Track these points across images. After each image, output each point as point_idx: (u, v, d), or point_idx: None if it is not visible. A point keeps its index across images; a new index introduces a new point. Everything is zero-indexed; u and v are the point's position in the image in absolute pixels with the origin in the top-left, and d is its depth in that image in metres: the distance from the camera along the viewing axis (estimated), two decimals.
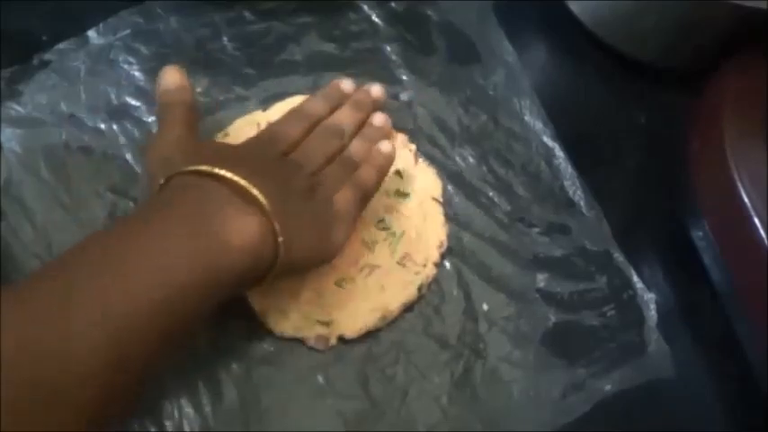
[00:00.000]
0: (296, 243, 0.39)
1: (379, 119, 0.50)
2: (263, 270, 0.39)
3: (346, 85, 0.50)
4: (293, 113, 0.48)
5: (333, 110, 0.48)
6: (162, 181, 0.39)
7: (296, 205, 0.41)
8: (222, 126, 0.50)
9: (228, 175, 0.38)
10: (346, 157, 0.46)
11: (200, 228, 0.36)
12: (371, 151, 0.47)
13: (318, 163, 0.45)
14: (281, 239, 0.38)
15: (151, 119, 0.50)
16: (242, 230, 0.37)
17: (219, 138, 0.50)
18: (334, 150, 0.46)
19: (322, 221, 0.42)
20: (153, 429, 0.42)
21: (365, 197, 0.46)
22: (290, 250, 0.39)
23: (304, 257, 0.41)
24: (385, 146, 0.47)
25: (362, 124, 0.49)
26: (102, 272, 0.33)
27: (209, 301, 0.36)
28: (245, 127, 0.50)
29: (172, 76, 0.44)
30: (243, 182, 0.38)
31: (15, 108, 0.49)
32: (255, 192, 0.38)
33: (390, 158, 0.47)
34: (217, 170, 0.38)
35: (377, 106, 0.50)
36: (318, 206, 0.42)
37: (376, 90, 0.50)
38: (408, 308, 0.47)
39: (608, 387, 0.47)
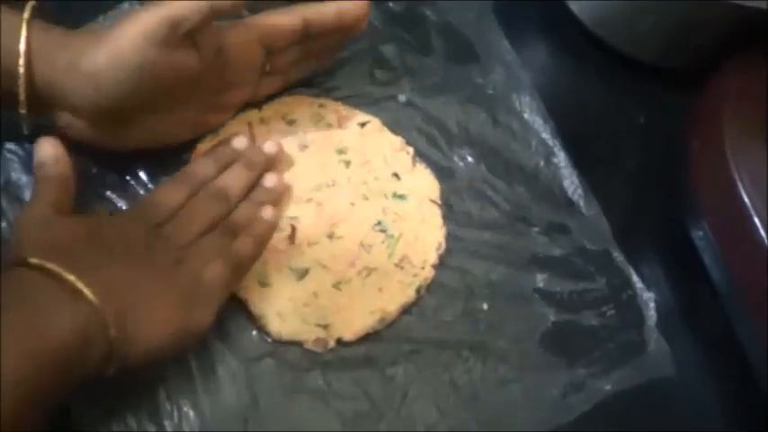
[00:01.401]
0: (142, 332, 0.38)
1: (270, 180, 0.47)
2: (96, 361, 0.37)
3: (238, 142, 0.48)
4: (177, 178, 0.46)
5: (221, 170, 0.46)
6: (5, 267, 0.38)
7: (149, 289, 0.39)
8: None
9: (55, 269, 0.36)
10: (228, 224, 0.44)
11: (20, 328, 0.35)
12: (253, 220, 0.45)
13: (193, 233, 0.43)
14: (113, 334, 0.37)
15: None
16: (63, 327, 0.35)
17: (209, 139, 0.50)
18: (217, 216, 0.44)
19: (181, 304, 0.40)
20: (152, 429, 0.42)
21: (239, 270, 0.43)
22: (133, 342, 0.38)
23: (156, 347, 0.39)
24: (267, 213, 0.45)
25: (253, 185, 0.47)
26: None
27: (37, 397, 0.34)
28: (236, 127, 0.50)
29: (45, 149, 0.43)
30: (67, 276, 0.36)
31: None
32: (80, 286, 0.36)
33: (272, 228, 0.45)
34: (42, 263, 0.37)
35: (269, 165, 0.48)
36: (180, 285, 0.40)
37: (269, 147, 0.48)
38: (407, 309, 0.47)
39: (608, 387, 0.47)
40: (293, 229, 0.47)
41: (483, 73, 0.56)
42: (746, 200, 0.46)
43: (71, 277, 0.36)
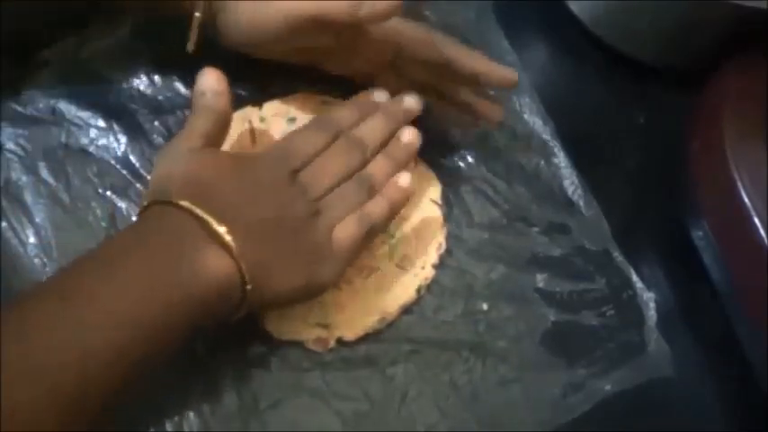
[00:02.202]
0: (272, 286, 0.39)
1: (408, 135, 0.46)
2: (231, 309, 0.39)
3: (379, 95, 0.47)
4: (317, 122, 0.46)
5: (360, 120, 0.46)
6: (146, 203, 0.39)
7: (283, 242, 0.40)
8: None
9: (203, 215, 0.37)
10: (363, 176, 0.44)
11: (164, 271, 0.36)
12: (389, 184, 0.44)
13: (329, 184, 0.43)
14: (249, 287, 0.38)
15: (150, 118, 0.50)
16: (208, 274, 0.37)
17: None
18: (353, 167, 0.44)
19: (311, 260, 0.41)
20: (152, 430, 0.42)
21: (371, 233, 0.43)
22: (262, 293, 0.39)
23: (283, 297, 0.41)
24: (404, 179, 0.44)
25: (390, 137, 0.46)
26: (67, 319, 0.34)
27: (174, 335, 0.36)
28: (236, 124, 0.50)
29: (209, 80, 0.43)
30: (215, 225, 0.37)
31: (15, 108, 0.49)
32: (227, 238, 0.37)
33: (407, 195, 0.45)
34: (191, 207, 0.37)
35: (409, 118, 0.47)
36: (313, 239, 0.41)
37: (410, 101, 0.47)
38: (407, 309, 0.47)
39: (608, 387, 0.47)
40: None
41: None
42: (746, 200, 0.46)
43: (220, 229, 0.37)
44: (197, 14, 0.44)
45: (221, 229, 0.37)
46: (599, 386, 0.46)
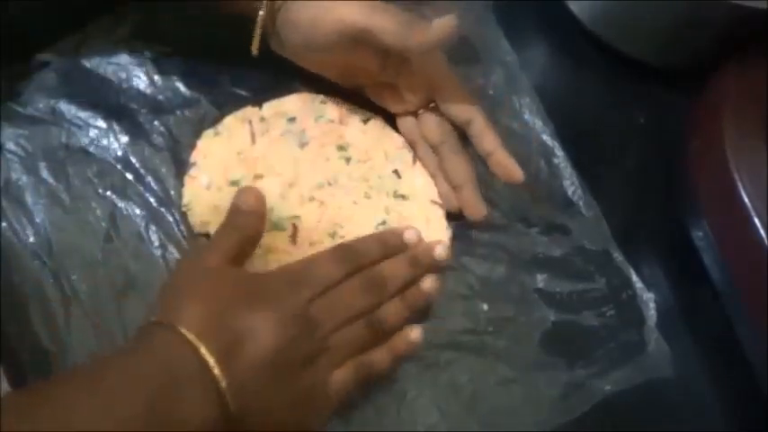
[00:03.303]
0: (256, 428, 0.38)
1: (428, 284, 0.44)
2: None
3: (410, 235, 0.46)
4: (340, 250, 0.44)
5: (384, 257, 0.44)
6: (153, 318, 0.39)
7: (280, 385, 0.39)
8: (214, 124, 0.50)
9: (209, 361, 0.37)
10: (374, 320, 0.42)
11: (152, 400, 0.35)
12: (396, 335, 0.43)
13: (340, 321, 0.41)
14: (231, 426, 0.37)
15: (150, 118, 0.50)
16: (193, 421, 0.36)
17: (210, 136, 0.50)
18: (367, 307, 0.42)
19: (303, 402, 0.40)
20: None
21: (365, 380, 0.42)
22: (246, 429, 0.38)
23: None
24: (415, 333, 0.43)
25: (411, 283, 0.44)
26: (55, 415, 0.34)
27: None
28: (236, 124, 0.50)
29: (248, 198, 0.42)
30: (218, 375, 0.36)
31: (15, 108, 0.49)
32: (224, 386, 0.36)
33: (414, 349, 0.44)
34: (201, 349, 0.37)
35: (435, 269, 0.46)
36: (309, 382, 0.40)
37: (440, 250, 0.46)
38: None
39: (608, 387, 0.47)
40: (295, 228, 0.47)
41: (483, 73, 0.56)
42: (746, 200, 0.46)
43: (212, 361, 0.36)
44: (261, 13, 0.46)
45: (220, 376, 0.36)
46: (599, 386, 0.46)
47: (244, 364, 0.37)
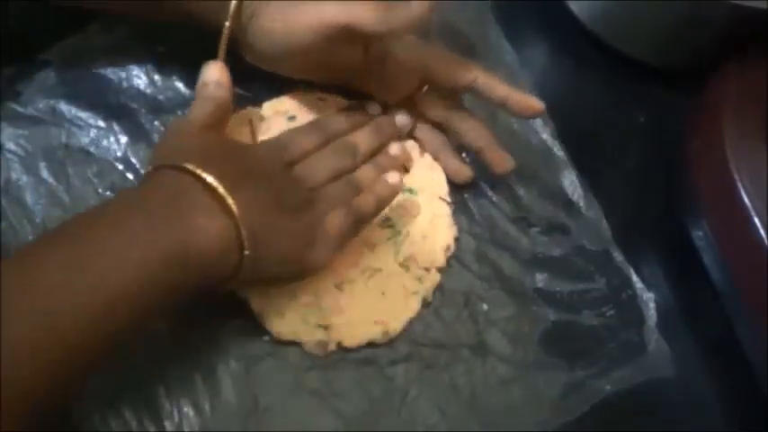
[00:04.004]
0: (266, 256, 0.40)
1: (395, 148, 0.49)
2: (225, 273, 0.40)
3: (372, 108, 0.50)
4: (312, 125, 0.48)
5: (352, 129, 0.49)
6: (150, 168, 0.41)
7: (279, 219, 0.41)
8: None
9: (208, 179, 0.39)
10: (351, 178, 0.46)
11: (165, 225, 0.37)
12: (378, 180, 0.46)
13: (321, 178, 0.45)
14: (246, 252, 0.39)
15: (150, 118, 0.50)
16: (208, 234, 0.38)
17: None
18: (343, 168, 0.46)
19: (303, 239, 0.42)
20: (152, 429, 0.42)
21: (358, 224, 0.45)
22: (256, 263, 0.40)
23: (273, 271, 0.42)
24: (392, 176, 0.46)
25: (378, 150, 0.49)
26: (70, 265, 0.35)
27: (167, 294, 0.37)
28: (236, 124, 0.50)
29: (212, 72, 0.45)
30: (220, 188, 0.39)
31: (15, 108, 0.49)
32: (230, 200, 0.38)
33: (395, 191, 0.46)
34: (198, 171, 0.39)
35: (397, 135, 0.50)
36: (305, 223, 0.43)
37: (401, 118, 0.50)
38: None
39: (608, 387, 0.47)
40: None
41: None
42: (746, 200, 0.46)
43: (223, 190, 0.38)
44: (227, 24, 0.45)
45: (223, 191, 0.38)
46: (599, 386, 0.46)
47: (244, 195, 0.39)
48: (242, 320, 0.45)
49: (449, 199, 0.50)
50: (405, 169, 0.50)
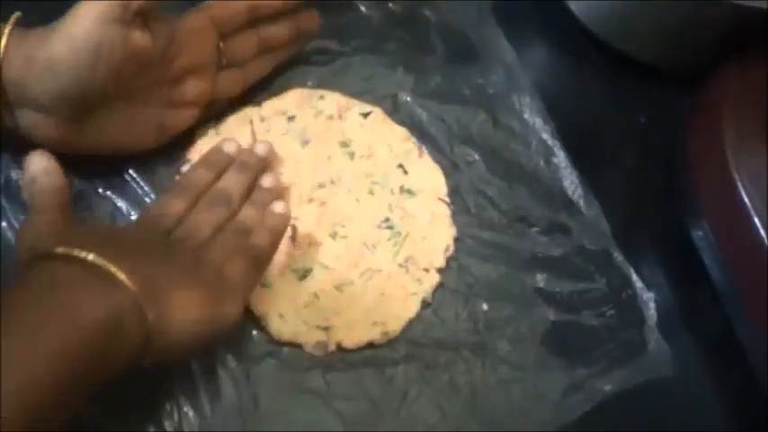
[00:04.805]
0: (176, 319, 0.37)
1: (268, 180, 0.47)
2: (134, 351, 0.36)
3: (229, 147, 0.47)
4: (174, 187, 0.45)
5: (218, 176, 0.46)
6: (21, 270, 0.37)
7: (177, 281, 0.38)
8: (215, 124, 0.50)
9: (82, 254, 0.35)
10: (237, 223, 0.44)
11: (48, 316, 0.33)
12: (266, 213, 0.45)
13: (205, 235, 0.42)
14: (151, 317, 0.36)
15: None
16: (95, 312, 0.34)
17: (210, 135, 0.50)
18: (222, 219, 0.43)
19: (209, 297, 0.39)
20: (152, 429, 0.42)
21: (259, 264, 0.43)
22: (166, 328, 0.37)
23: (191, 333, 0.38)
24: (279, 207, 0.45)
25: (252, 188, 0.46)
26: None
27: (76, 388, 0.34)
28: (237, 125, 0.50)
29: (38, 162, 0.42)
30: (98, 260, 0.35)
31: None
32: (113, 269, 0.35)
33: (286, 219, 0.45)
34: (70, 251, 0.35)
35: (264, 166, 0.48)
36: (206, 280, 0.40)
37: (261, 149, 0.48)
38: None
39: (608, 387, 0.47)
40: (294, 229, 0.47)
41: (483, 73, 0.56)
42: (746, 200, 0.46)
43: (102, 261, 0.35)
44: None
45: (103, 262, 0.35)
46: (599, 386, 0.46)
47: (135, 267, 0.36)
48: (242, 321, 0.45)
49: (448, 200, 0.50)
50: (403, 170, 0.50)
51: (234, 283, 0.41)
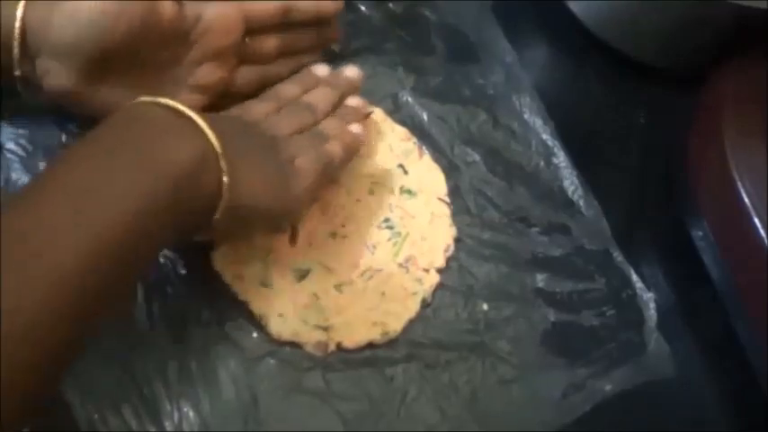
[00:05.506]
0: (247, 185, 0.39)
1: (354, 100, 0.49)
2: (206, 206, 0.38)
3: (320, 69, 0.50)
4: (265, 95, 0.48)
5: (305, 92, 0.48)
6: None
7: (253, 153, 0.41)
8: None
9: (175, 105, 0.38)
10: (317, 130, 0.46)
11: (136, 155, 0.36)
12: (342, 130, 0.46)
13: (285, 132, 0.44)
14: (225, 179, 0.38)
15: None
16: (181, 153, 0.36)
17: None
18: (305, 124, 0.46)
19: (278, 176, 0.42)
20: (152, 429, 0.42)
21: (328, 169, 0.45)
22: (237, 190, 0.38)
23: (258, 203, 0.40)
24: (356, 127, 0.47)
25: (337, 105, 0.48)
26: (53, 213, 0.33)
27: (153, 232, 0.36)
28: None
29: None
30: (189, 112, 0.38)
31: (15, 108, 0.49)
32: (197, 118, 0.37)
33: (360, 140, 0.47)
34: (163, 100, 0.38)
35: (352, 89, 0.49)
36: (279, 161, 0.42)
37: (351, 71, 0.50)
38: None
39: (608, 387, 0.47)
40: (294, 229, 0.47)
41: (483, 73, 0.56)
42: (746, 200, 0.46)
43: (191, 113, 0.38)
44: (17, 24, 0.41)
45: (191, 113, 0.38)
46: (599, 386, 0.46)
47: (222, 127, 0.38)
48: (242, 321, 0.45)
49: (448, 200, 0.50)
50: (404, 170, 0.50)
51: (304, 172, 0.43)
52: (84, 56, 0.42)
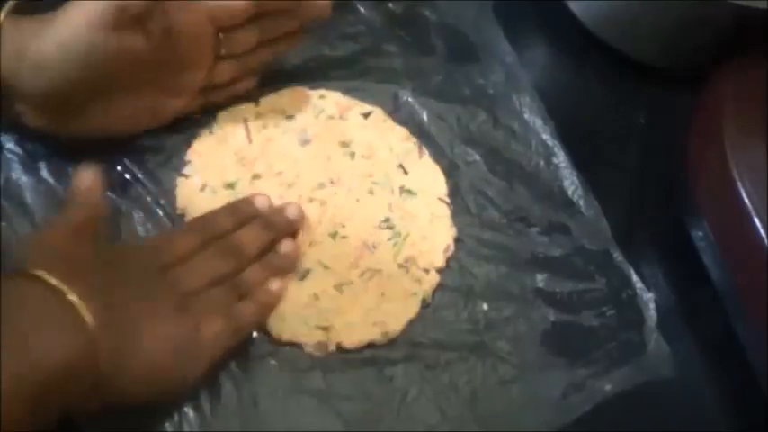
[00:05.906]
0: (132, 373, 0.37)
1: (287, 246, 0.45)
2: (81, 395, 0.36)
3: (260, 201, 0.46)
4: (194, 223, 0.45)
5: (238, 226, 0.45)
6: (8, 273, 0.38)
7: (149, 322, 0.38)
8: (209, 123, 0.50)
9: (61, 287, 0.35)
10: (236, 282, 0.43)
11: (13, 339, 0.33)
12: (261, 289, 0.44)
13: (201, 283, 0.42)
14: (104, 369, 0.35)
15: None
16: (55, 353, 0.34)
17: (205, 135, 0.50)
18: (226, 272, 0.43)
19: (176, 351, 0.39)
20: (152, 429, 0.42)
21: (238, 332, 0.43)
22: (118, 380, 0.36)
23: (147, 387, 0.38)
24: (276, 284, 0.44)
25: (269, 248, 0.45)
26: None
27: (30, 417, 0.33)
28: (231, 122, 0.50)
29: (83, 179, 0.41)
30: (73, 298, 0.35)
31: None
32: (83, 311, 0.35)
33: (277, 299, 0.44)
34: (51, 280, 0.35)
35: (290, 230, 0.46)
36: (179, 333, 0.39)
37: (292, 211, 0.46)
38: None
39: (608, 387, 0.46)
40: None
41: (483, 73, 0.56)
42: (746, 200, 0.46)
43: (75, 299, 0.35)
44: None
45: (75, 300, 0.35)
46: (599, 386, 0.46)
47: (110, 301, 0.36)
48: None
49: (448, 200, 0.50)
50: (404, 170, 0.50)
51: (206, 343, 0.41)
52: (56, 100, 0.42)
